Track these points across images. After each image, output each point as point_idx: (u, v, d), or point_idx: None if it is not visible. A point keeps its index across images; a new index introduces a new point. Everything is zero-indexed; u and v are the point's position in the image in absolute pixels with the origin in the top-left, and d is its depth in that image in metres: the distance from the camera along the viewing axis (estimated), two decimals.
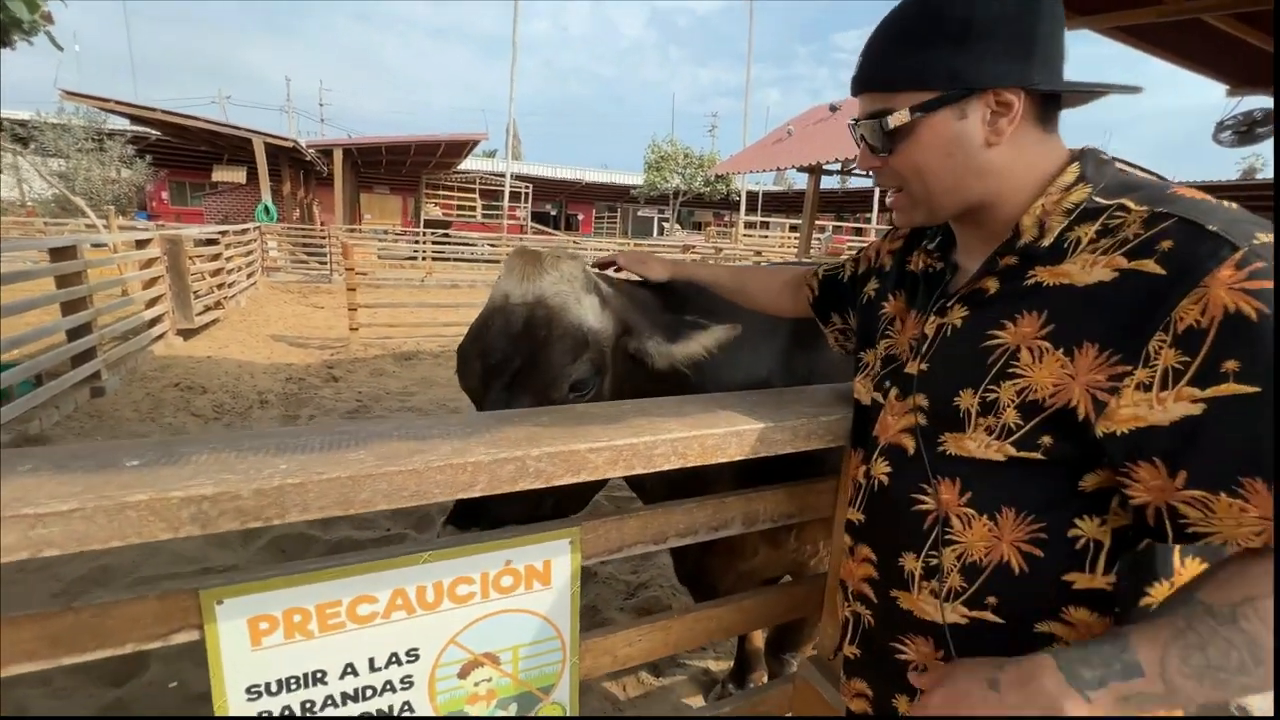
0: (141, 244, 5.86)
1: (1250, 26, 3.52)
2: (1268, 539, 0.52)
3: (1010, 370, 0.66)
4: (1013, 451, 0.66)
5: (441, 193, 22.04)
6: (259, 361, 5.81)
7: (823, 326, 1.14)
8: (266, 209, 14.04)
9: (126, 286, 5.73)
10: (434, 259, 13.30)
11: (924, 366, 0.76)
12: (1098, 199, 0.65)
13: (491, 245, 15.08)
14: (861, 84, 0.75)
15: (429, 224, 19.84)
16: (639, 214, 35.17)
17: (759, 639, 1.98)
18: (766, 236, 23.11)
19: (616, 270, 1.39)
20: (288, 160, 15.99)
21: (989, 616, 0.69)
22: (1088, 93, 0.70)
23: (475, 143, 17.66)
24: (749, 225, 23.63)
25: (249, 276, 9.37)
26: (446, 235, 16.51)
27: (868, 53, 0.73)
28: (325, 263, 12.36)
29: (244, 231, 9.79)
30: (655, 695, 2.12)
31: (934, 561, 0.73)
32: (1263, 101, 6.00)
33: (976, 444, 0.69)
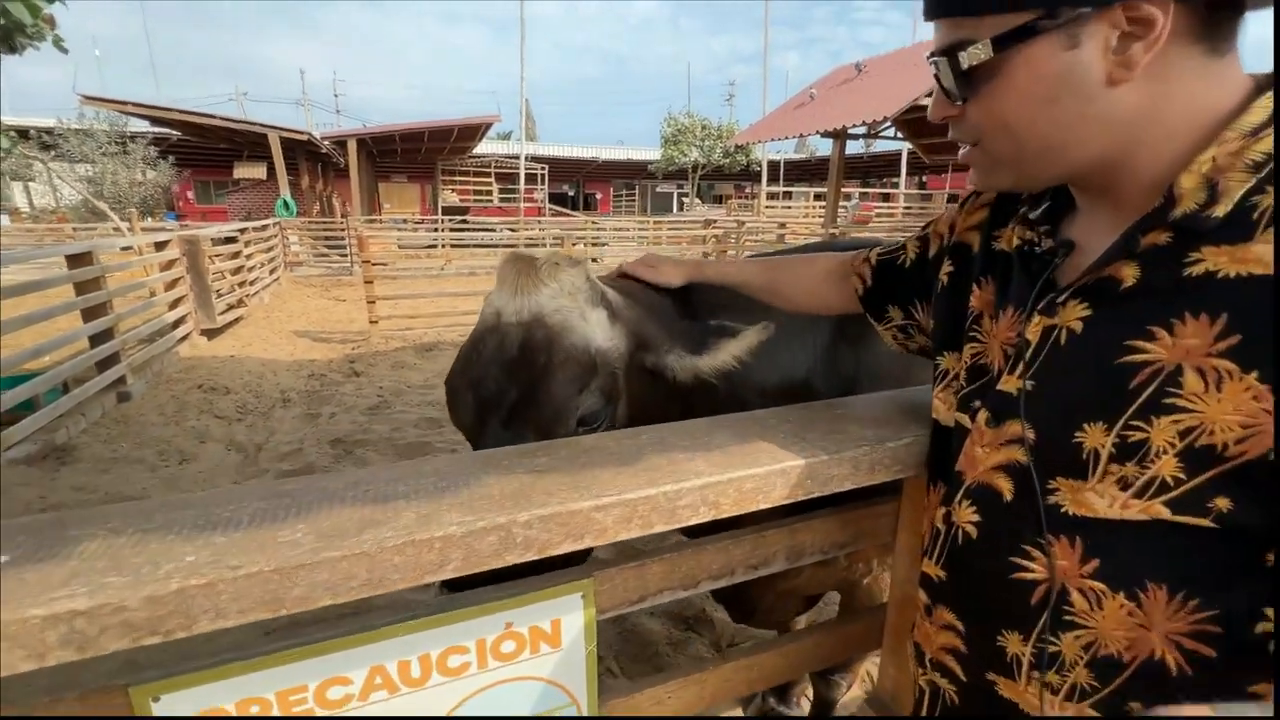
0: (160, 246, 5.87)
1: None
2: None
3: (1167, 400, 0.47)
4: (1166, 515, 0.47)
5: (458, 178, 21.94)
6: (282, 359, 5.80)
7: (876, 324, 0.94)
8: (286, 204, 14.12)
9: (151, 288, 5.75)
10: (452, 246, 13.21)
11: (1028, 385, 0.57)
12: None
13: (510, 230, 14.94)
14: (933, 5, 0.55)
15: (447, 211, 19.79)
16: (658, 190, 34.57)
17: None
18: (790, 207, 22.52)
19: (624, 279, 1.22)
20: (304, 154, 16.02)
21: None
22: None
23: (488, 125, 17.44)
24: (771, 196, 23.04)
25: (271, 273, 9.41)
26: (464, 221, 16.45)
27: None
28: (346, 255, 12.39)
29: (264, 228, 9.82)
30: None
31: (1051, 648, 0.55)
32: None
33: (1105, 501, 0.50)
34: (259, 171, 18.38)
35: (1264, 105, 0.47)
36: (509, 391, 0.86)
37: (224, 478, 3.40)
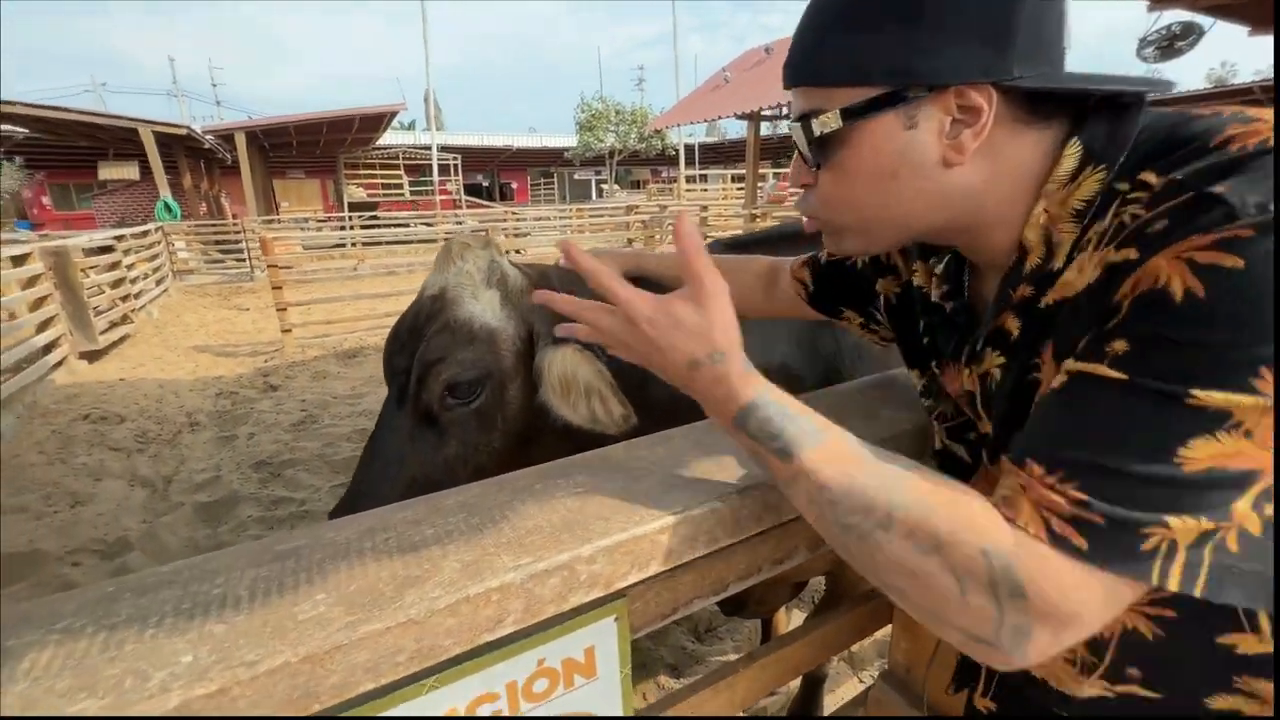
0: (19, 260, 5.12)
1: None
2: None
3: None
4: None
5: (363, 172, 20.62)
6: (182, 378, 5.25)
7: (836, 322, 0.92)
8: (167, 206, 12.75)
9: (10, 310, 5.01)
10: (364, 245, 12.45)
11: (990, 429, 0.61)
12: (1118, 184, 0.46)
13: (426, 224, 14.26)
14: (791, 74, 0.56)
15: (354, 207, 18.61)
16: (575, 177, 34.09)
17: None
18: (706, 190, 22.86)
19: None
20: (184, 150, 14.50)
21: (1138, 690, 0.54)
22: (1088, 91, 0.49)
23: (393, 114, 16.48)
24: (689, 179, 23.31)
25: (158, 284, 8.48)
26: (375, 218, 15.53)
27: (799, 34, 0.55)
28: (244, 259, 11.39)
29: (145, 234, 8.83)
30: None
31: None
32: (1179, 16, 6.12)
33: None
34: (129, 171, 16.42)
35: (1073, 150, 0.48)
36: (405, 359, 0.95)
37: (130, 517, 3.02)
